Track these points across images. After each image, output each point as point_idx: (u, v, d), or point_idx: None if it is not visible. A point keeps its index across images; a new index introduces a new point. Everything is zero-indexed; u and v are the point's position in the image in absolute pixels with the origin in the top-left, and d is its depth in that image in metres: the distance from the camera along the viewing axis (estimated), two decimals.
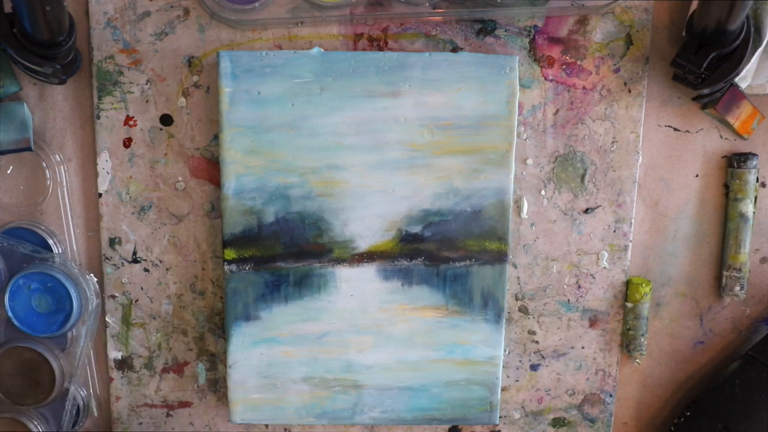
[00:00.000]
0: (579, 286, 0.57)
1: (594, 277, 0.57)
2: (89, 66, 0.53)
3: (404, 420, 0.56)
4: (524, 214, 0.56)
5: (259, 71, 0.51)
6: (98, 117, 0.53)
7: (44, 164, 0.54)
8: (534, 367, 0.58)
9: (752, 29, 0.49)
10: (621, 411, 0.60)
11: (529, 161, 0.55)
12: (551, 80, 0.54)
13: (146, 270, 0.56)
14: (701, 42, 0.49)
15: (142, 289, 0.56)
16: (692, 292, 0.58)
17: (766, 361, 0.55)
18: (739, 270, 0.56)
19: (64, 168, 0.54)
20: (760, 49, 0.51)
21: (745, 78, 0.52)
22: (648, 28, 0.53)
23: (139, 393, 0.58)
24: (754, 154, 0.55)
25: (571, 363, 0.58)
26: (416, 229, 0.53)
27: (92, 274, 0.55)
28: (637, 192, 0.56)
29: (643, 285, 0.56)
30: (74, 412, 0.56)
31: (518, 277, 0.56)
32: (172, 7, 0.52)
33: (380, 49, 0.53)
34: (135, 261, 0.56)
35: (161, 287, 0.56)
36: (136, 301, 0.56)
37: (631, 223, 0.56)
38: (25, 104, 0.52)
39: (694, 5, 0.51)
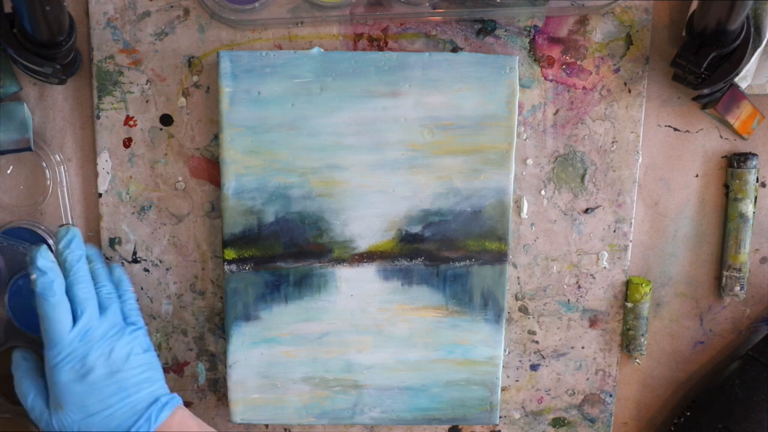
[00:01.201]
0: (579, 286, 0.57)
1: (594, 277, 0.57)
2: (89, 66, 0.53)
3: (404, 420, 0.56)
4: (524, 214, 0.56)
5: (259, 71, 0.51)
6: (98, 117, 0.53)
7: (44, 164, 0.54)
8: (534, 367, 0.58)
9: (752, 29, 0.49)
10: (621, 411, 0.60)
11: (529, 161, 0.55)
12: (551, 80, 0.54)
13: (146, 270, 0.56)
14: (701, 42, 0.49)
15: (142, 289, 0.56)
16: (692, 292, 0.58)
17: (766, 361, 0.55)
18: (739, 270, 0.56)
19: (64, 168, 0.54)
20: (759, 49, 0.51)
21: (745, 78, 0.52)
22: (648, 28, 0.53)
23: None
24: (754, 154, 0.55)
25: (571, 363, 0.58)
26: (416, 229, 0.53)
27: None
28: (637, 192, 0.56)
29: (643, 285, 0.56)
30: None
31: (518, 277, 0.56)
32: (172, 7, 0.52)
33: (380, 49, 0.53)
34: (135, 261, 0.56)
35: (161, 287, 0.56)
36: (136, 301, 0.56)
37: (631, 223, 0.56)
38: (25, 104, 0.52)
39: (694, 5, 0.51)
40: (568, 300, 0.57)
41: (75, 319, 0.46)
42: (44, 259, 0.46)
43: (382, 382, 0.55)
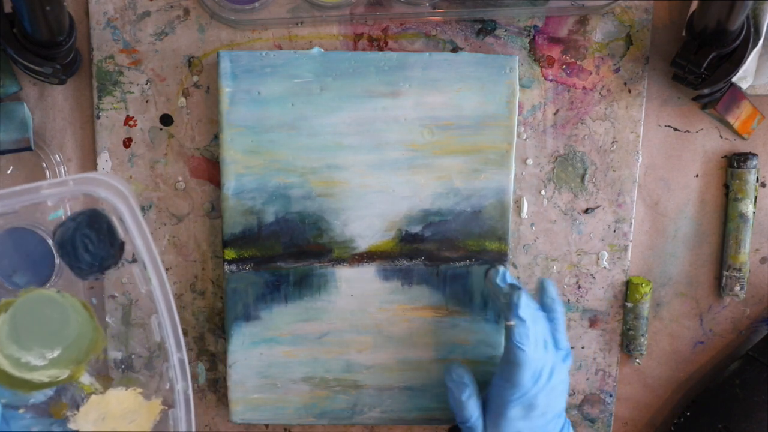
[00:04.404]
0: (579, 286, 0.57)
1: (594, 277, 0.57)
2: (89, 66, 0.53)
3: (404, 420, 0.56)
4: (524, 214, 0.55)
5: (259, 71, 0.51)
6: (98, 117, 0.53)
7: (44, 164, 0.54)
8: None
9: (752, 29, 0.49)
10: (621, 411, 0.60)
11: (529, 161, 0.55)
12: (551, 80, 0.54)
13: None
14: (701, 42, 0.49)
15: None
16: (692, 292, 0.58)
17: (766, 361, 0.55)
18: (739, 270, 0.56)
19: (64, 168, 0.54)
20: (756, 49, 0.50)
21: (746, 78, 0.52)
22: (648, 28, 0.53)
23: None
24: (754, 154, 0.55)
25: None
26: (416, 229, 0.53)
27: None
28: (637, 192, 0.56)
29: (643, 285, 0.56)
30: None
31: (518, 277, 0.56)
32: (172, 7, 0.52)
33: (380, 49, 0.53)
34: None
35: None
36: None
37: (631, 223, 0.56)
38: (25, 104, 0.52)
39: (694, 5, 0.51)
40: (568, 300, 0.57)
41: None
42: (526, 308, 0.48)
43: (382, 382, 0.55)
